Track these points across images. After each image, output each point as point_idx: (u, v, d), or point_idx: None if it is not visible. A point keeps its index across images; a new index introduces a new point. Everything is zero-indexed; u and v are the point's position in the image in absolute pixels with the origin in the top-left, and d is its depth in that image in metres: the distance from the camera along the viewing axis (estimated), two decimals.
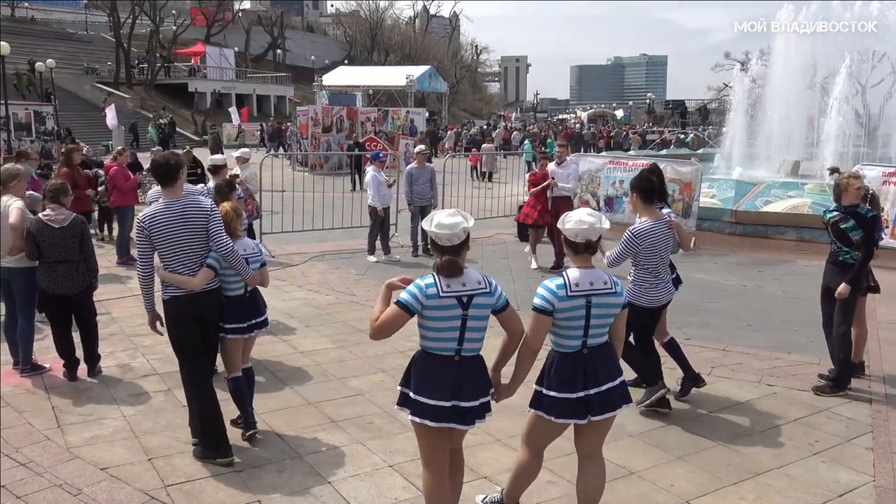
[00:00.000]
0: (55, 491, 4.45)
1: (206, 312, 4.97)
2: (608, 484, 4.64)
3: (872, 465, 4.98)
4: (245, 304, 5.22)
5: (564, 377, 3.81)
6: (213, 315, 5.04)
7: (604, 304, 3.77)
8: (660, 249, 5.60)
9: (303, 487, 4.57)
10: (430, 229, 3.62)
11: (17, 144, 22.18)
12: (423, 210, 11.93)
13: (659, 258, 5.63)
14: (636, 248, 5.54)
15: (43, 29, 56.56)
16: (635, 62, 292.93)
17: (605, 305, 3.77)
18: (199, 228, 4.87)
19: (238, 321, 5.17)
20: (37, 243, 6.11)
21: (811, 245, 12.25)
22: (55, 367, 6.47)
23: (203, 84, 54.56)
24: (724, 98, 52.39)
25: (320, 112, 28.46)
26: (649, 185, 5.64)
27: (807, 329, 7.92)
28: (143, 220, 4.80)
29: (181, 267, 4.82)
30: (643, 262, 5.61)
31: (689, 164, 14.04)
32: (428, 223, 3.66)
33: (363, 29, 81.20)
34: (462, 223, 3.60)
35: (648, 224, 5.56)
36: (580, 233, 3.82)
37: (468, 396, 3.64)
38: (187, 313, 4.85)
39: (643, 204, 5.63)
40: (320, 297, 9.36)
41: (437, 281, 3.57)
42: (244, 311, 5.20)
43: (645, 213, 5.64)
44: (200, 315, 4.93)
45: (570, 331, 3.78)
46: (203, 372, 5.02)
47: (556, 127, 49.89)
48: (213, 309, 5.02)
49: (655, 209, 5.67)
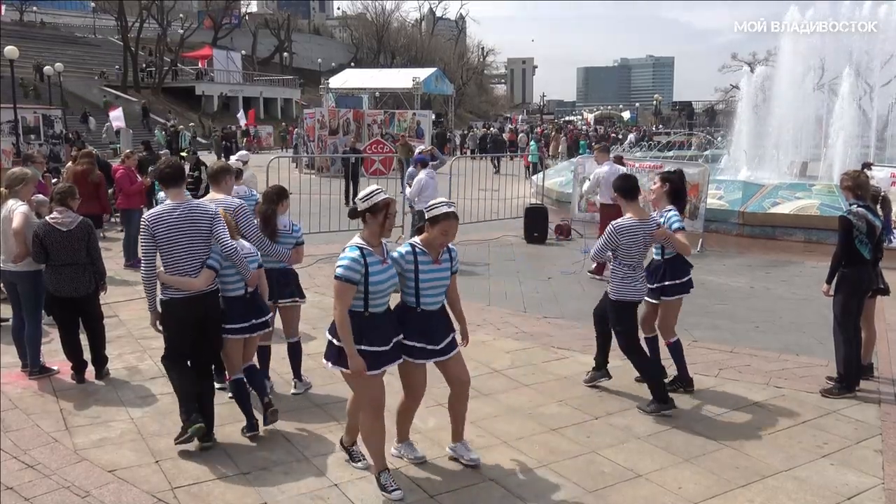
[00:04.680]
0: (63, 493, 4.47)
1: (204, 315, 5.04)
2: (615, 486, 4.64)
3: (882, 468, 4.94)
4: (246, 305, 5.30)
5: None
6: (212, 317, 5.11)
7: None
8: (639, 246, 5.77)
9: (309, 489, 4.57)
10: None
11: (25, 148, 22.26)
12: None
13: (638, 254, 5.78)
14: (615, 241, 5.70)
15: (51, 33, 56.83)
16: (642, 63, 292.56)
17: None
18: (203, 231, 4.98)
19: (238, 321, 5.23)
20: (44, 246, 6.13)
21: (819, 246, 12.16)
22: (63, 370, 6.49)
23: (210, 87, 54.76)
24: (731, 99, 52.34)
25: (327, 114, 28.51)
26: (627, 183, 5.87)
27: (815, 331, 7.88)
28: (148, 220, 4.91)
29: (183, 268, 4.92)
30: (623, 256, 5.76)
31: (695, 165, 14.00)
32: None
33: (369, 31, 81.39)
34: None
35: (631, 221, 5.72)
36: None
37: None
38: (182, 316, 4.97)
39: (626, 202, 5.83)
40: (327, 299, 9.32)
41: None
42: (245, 311, 5.28)
43: (630, 210, 5.80)
44: (197, 318, 5.02)
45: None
46: (183, 361, 5.13)
47: (565, 128, 49.81)
48: (210, 311, 5.09)
49: (641, 208, 5.87)
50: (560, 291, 9.89)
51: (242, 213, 5.82)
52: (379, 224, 4.31)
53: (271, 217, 5.94)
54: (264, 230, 5.89)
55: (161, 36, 56.03)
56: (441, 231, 4.44)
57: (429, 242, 4.52)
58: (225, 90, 54.93)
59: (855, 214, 6.14)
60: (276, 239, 5.91)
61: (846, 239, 6.15)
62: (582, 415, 5.76)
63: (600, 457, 5.05)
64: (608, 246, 5.75)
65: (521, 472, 4.82)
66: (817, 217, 12.53)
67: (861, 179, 6.36)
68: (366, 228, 4.36)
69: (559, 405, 5.96)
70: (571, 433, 5.43)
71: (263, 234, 5.86)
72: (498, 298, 9.35)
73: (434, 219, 4.46)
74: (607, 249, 5.77)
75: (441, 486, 4.60)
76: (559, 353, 7.26)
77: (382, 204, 4.29)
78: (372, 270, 4.23)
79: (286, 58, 71.93)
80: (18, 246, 6.17)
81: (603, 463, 4.96)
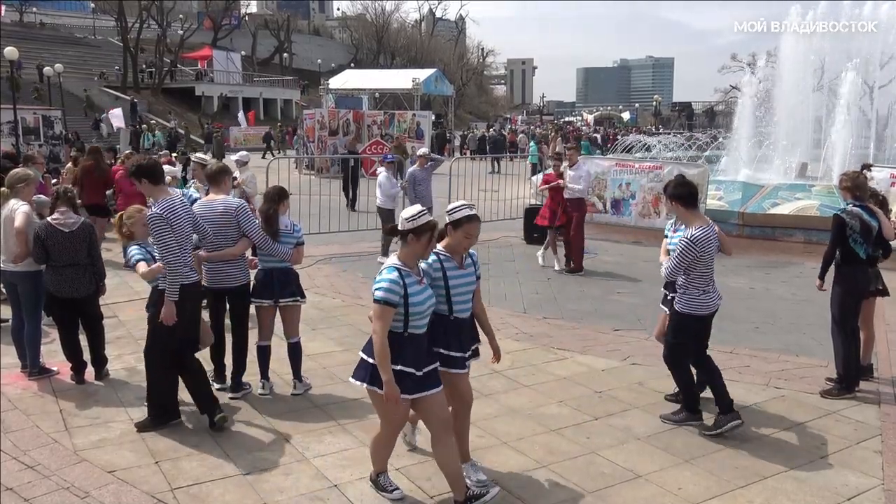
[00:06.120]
0: (62, 494, 4.47)
1: (198, 303, 5.44)
2: (615, 487, 4.64)
3: (881, 469, 4.95)
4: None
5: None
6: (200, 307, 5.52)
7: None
8: (713, 255, 5.39)
9: (309, 489, 4.57)
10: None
11: (25, 149, 22.24)
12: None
13: (712, 264, 5.43)
14: (695, 254, 5.27)
15: (51, 34, 56.83)
16: (642, 64, 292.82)
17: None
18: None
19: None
20: (45, 247, 6.13)
21: (819, 247, 12.11)
22: (63, 371, 6.49)
23: (210, 88, 54.75)
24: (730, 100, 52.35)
25: (327, 115, 28.50)
26: (689, 189, 5.43)
27: (815, 331, 7.88)
28: (161, 211, 5.19)
29: (185, 258, 5.28)
30: (700, 268, 5.34)
31: (695, 166, 14.01)
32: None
33: (369, 32, 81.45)
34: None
35: (703, 230, 5.29)
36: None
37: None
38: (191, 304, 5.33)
39: (687, 210, 5.39)
40: (327, 300, 9.37)
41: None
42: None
43: (693, 218, 5.38)
44: (193, 306, 5.37)
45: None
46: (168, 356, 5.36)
47: (564, 129, 49.79)
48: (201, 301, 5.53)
49: (701, 213, 5.54)
50: (560, 292, 9.90)
51: (244, 213, 5.84)
52: (422, 246, 4.16)
53: (273, 217, 5.98)
54: (267, 230, 5.92)
55: (161, 37, 56.02)
56: (465, 234, 4.33)
57: (452, 247, 4.41)
58: (225, 91, 54.92)
59: (849, 213, 6.15)
60: (277, 239, 5.94)
61: (837, 236, 6.20)
62: (582, 415, 5.76)
63: (600, 457, 5.05)
64: (685, 261, 5.28)
65: (521, 473, 4.82)
66: (817, 218, 12.54)
67: (860, 180, 6.37)
68: (404, 248, 4.18)
69: (559, 406, 5.96)
70: (571, 434, 5.43)
71: (266, 234, 5.90)
72: (498, 299, 9.35)
73: (457, 222, 4.33)
74: (684, 265, 5.30)
75: (441, 487, 4.59)
76: (559, 354, 7.26)
77: (428, 226, 4.14)
78: (411, 291, 4.10)
79: (286, 58, 71.95)
80: (20, 246, 6.17)
81: (603, 464, 4.96)
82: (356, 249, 12.48)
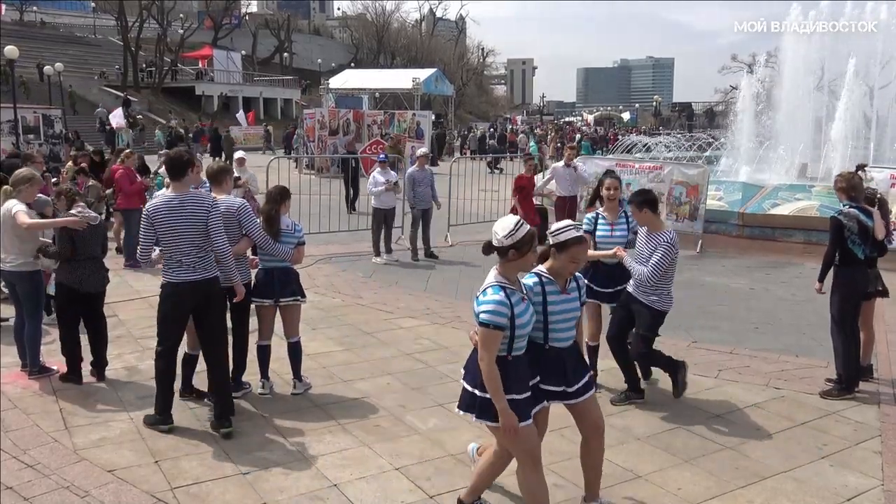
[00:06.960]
0: (62, 493, 4.47)
1: (200, 301, 5.28)
2: (615, 487, 4.64)
3: (881, 469, 4.95)
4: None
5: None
6: (210, 304, 5.35)
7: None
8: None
9: (309, 490, 4.57)
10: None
11: (24, 148, 22.21)
12: (424, 213, 11.93)
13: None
14: (674, 255, 5.61)
15: (51, 33, 56.82)
16: (642, 64, 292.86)
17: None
18: (199, 221, 5.22)
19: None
20: (73, 240, 6.22)
21: (819, 248, 12.09)
22: (62, 370, 6.47)
23: (210, 87, 54.70)
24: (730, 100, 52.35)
25: (327, 115, 28.51)
26: (654, 196, 5.81)
27: (815, 332, 7.89)
28: (148, 210, 5.24)
29: (178, 257, 5.19)
30: (673, 268, 5.72)
31: (695, 166, 14.02)
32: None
33: (369, 32, 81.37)
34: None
35: (674, 233, 5.71)
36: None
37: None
38: (178, 301, 5.23)
39: (655, 215, 5.71)
40: (327, 299, 9.37)
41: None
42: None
43: (660, 223, 5.79)
44: (194, 304, 5.27)
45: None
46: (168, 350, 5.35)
47: (564, 129, 49.82)
48: (207, 298, 5.30)
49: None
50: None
51: (245, 213, 5.84)
52: (526, 259, 3.86)
53: (275, 217, 5.99)
54: (268, 230, 5.93)
55: (161, 36, 55.99)
56: (570, 258, 4.00)
57: (556, 271, 4.06)
58: (225, 90, 54.86)
59: (846, 215, 6.16)
60: (279, 239, 5.94)
61: (835, 238, 6.22)
62: None
63: None
64: (668, 261, 5.56)
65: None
66: (817, 218, 12.52)
67: (854, 181, 6.38)
68: (504, 264, 3.85)
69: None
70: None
71: (267, 234, 5.90)
72: None
73: (562, 245, 4.00)
74: (667, 265, 5.57)
75: (441, 487, 4.60)
76: None
77: (528, 237, 3.82)
78: (517, 311, 3.77)
79: (286, 58, 71.90)
80: (34, 241, 6.36)
81: (602, 464, 4.95)
82: (356, 249, 12.48)
